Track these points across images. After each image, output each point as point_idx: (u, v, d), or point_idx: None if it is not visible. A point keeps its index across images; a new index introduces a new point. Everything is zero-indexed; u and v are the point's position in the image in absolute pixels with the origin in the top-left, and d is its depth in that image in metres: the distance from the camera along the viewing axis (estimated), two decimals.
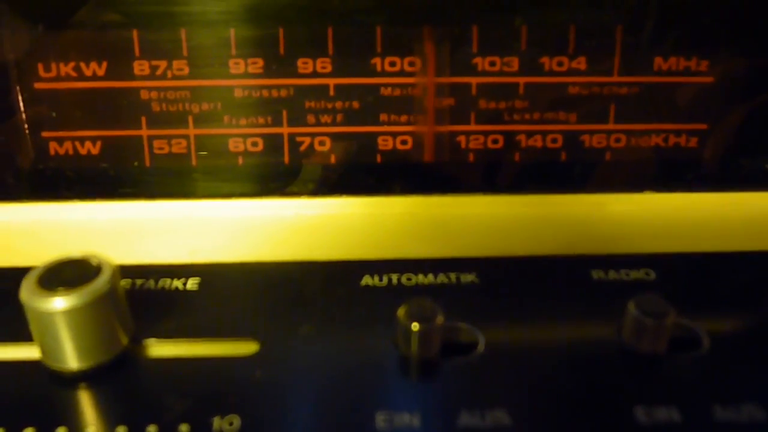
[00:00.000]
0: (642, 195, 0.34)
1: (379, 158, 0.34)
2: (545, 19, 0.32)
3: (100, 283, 0.22)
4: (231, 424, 0.21)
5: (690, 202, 0.33)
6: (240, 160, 0.34)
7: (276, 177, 0.34)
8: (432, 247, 0.30)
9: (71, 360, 0.23)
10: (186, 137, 0.34)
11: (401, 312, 0.23)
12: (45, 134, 0.34)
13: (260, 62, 0.33)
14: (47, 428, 0.21)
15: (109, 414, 0.22)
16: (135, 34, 0.32)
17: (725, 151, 0.34)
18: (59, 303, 0.22)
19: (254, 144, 0.34)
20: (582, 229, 0.32)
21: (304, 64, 0.33)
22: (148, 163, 0.34)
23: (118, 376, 0.23)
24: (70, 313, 0.22)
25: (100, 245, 0.27)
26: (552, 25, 0.32)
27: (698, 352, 0.24)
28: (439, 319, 0.23)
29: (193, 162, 0.34)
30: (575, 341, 0.25)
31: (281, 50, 0.33)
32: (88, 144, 0.34)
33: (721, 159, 0.34)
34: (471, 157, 0.34)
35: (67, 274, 0.23)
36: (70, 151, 0.34)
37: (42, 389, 0.23)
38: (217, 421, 0.21)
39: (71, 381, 0.23)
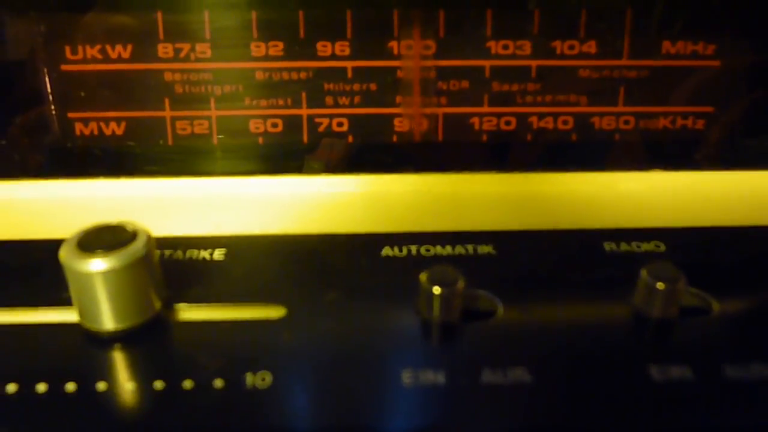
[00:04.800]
0: (651, 173, 0.35)
1: (395, 138, 0.35)
2: (557, 4, 0.33)
3: (137, 247, 0.23)
4: (263, 380, 0.22)
5: (697, 180, 0.34)
6: (260, 140, 0.35)
7: (295, 156, 0.35)
8: (448, 222, 0.31)
9: (107, 321, 0.24)
10: (208, 118, 0.35)
11: (424, 277, 0.24)
12: (71, 115, 0.35)
13: (281, 45, 0.34)
14: (89, 383, 0.22)
15: (146, 370, 0.23)
16: (159, 17, 0.33)
17: (730, 132, 0.35)
18: (98, 265, 0.23)
19: (274, 125, 0.35)
20: (594, 205, 0.33)
21: (323, 47, 0.34)
22: (171, 143, 0.35)
23: (152, 336, 0.24)
24: (107, 274, 0.23)
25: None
26: (563, 10, 0.34)
27: (708, 317, 0.25)
28: (460, 284, 0.24)
29: (215, 141, 0.35)
30: (590, 308, 0.26)
31: (301, 34, 0.34)
32: (112, 125, 0.35)
33: (727, 140, 0.35)
34: (484, 137, 0.35)
35: (104, 238, 0.24)
36: (95, 132, 0.35)
37: (81, 349, 0.24)
38: (249, 377, 0.22)
39: (108, 341, 0.24)
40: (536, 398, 0.22)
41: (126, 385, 0.22)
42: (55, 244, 0.24)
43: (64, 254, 0.23)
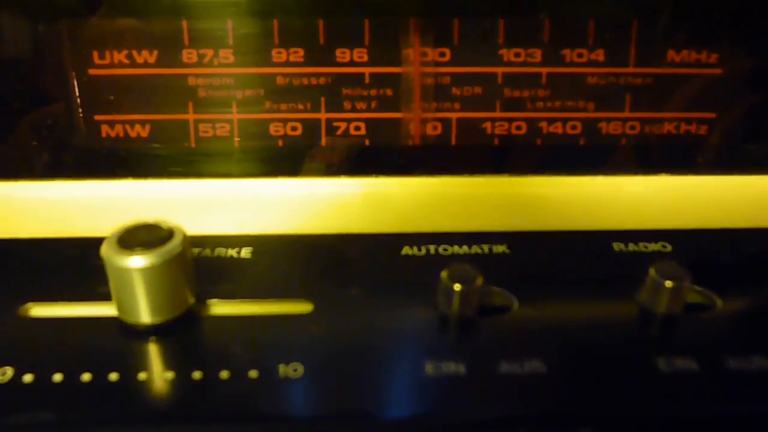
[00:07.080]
0: (656, 177, 0.36)
1: (410, 142, 0.36)
2: (567, 14, 0.35)
3: (174, 244, 0.25)
4: (295, 370, 0.24)
5: (701, 184, 0.36)
6: (280, 143, 0.36)
7: (314, 158, 0.36)
8: (464, 222, 0.32)
9: (144, 315, 0.25)
10: (230, 121, 0.36)
11: (444, 274, 0.26)
12: (98, 117, 0.36)
13: (301, 52, 0.35)
14: (130, 373, 0.23)
15: (183, 361, 0.24)
16: (185, 24, 0.34)
17: (732, 137, 0.37)
18: (137, 261, 0.24)
19: (293, 128, 0.36)
20: (602, 207, 0.34)
21: (342, 54, 0.35)
22: (194, 145, 0.36)
23: (187, 330, 0.25)
24: (146, 270, 0.24)
25: None
26: (573, 20, 0.35)
27: (711, 313, 0.27)
28: (479, 281, 0.26)
29: (236, 144, 0.36)
30: (600, 304, 0.27)
31: (321, 41, 0.35)
32: (137, 127, 0.36)
33: (729, 145, 0.37)
34: (496, 141, 0.36)
35: (142, 236, 0.25)
36: (121, 134, 0.36)
37: (120, 341, 0.25)
38: (282, 368, 0.24)
39: (145, 334, 0.25)
40: (551, 387, 0.23)
41: (165, 375, 0.23)
42: (84, 242, 0.26)
43: (106, 251, 0.24)
